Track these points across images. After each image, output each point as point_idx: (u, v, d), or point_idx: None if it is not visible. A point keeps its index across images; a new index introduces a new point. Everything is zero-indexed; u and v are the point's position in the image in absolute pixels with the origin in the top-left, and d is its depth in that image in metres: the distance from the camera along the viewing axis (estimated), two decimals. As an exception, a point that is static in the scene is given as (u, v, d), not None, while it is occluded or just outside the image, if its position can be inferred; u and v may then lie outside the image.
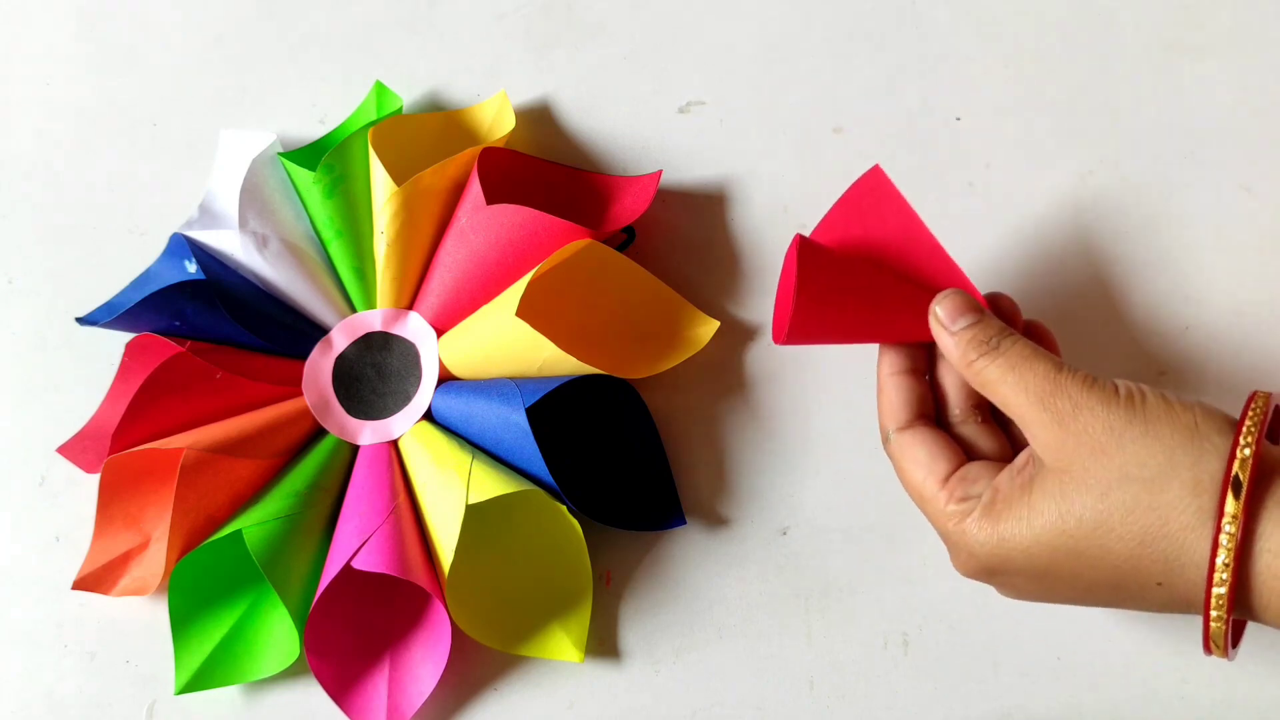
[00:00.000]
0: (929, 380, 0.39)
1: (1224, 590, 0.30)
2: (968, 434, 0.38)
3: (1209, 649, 0.32)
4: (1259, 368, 0.43)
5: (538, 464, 0.40)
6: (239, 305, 0.45)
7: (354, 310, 0.47)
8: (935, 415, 0.39)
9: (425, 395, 0.45)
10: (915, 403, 0.38)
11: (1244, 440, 0.31)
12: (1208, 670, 0.40)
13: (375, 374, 0.46)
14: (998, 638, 0.41)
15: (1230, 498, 0.30)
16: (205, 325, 0.44)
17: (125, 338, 0.45)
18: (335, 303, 0.47)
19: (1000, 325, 0.36)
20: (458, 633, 0.41)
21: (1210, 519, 0.30)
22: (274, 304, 0.46)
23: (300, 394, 0.45)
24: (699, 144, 0.49)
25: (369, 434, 0.44)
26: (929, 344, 0.39)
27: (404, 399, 0.45)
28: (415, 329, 0.46)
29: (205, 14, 0.54)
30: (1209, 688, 0.40)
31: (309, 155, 0.48)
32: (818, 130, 0.49)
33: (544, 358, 0.41)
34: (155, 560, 0.43)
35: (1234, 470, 0.30)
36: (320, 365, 0.46)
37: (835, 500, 0.44)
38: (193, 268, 0.45)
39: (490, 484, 0.40)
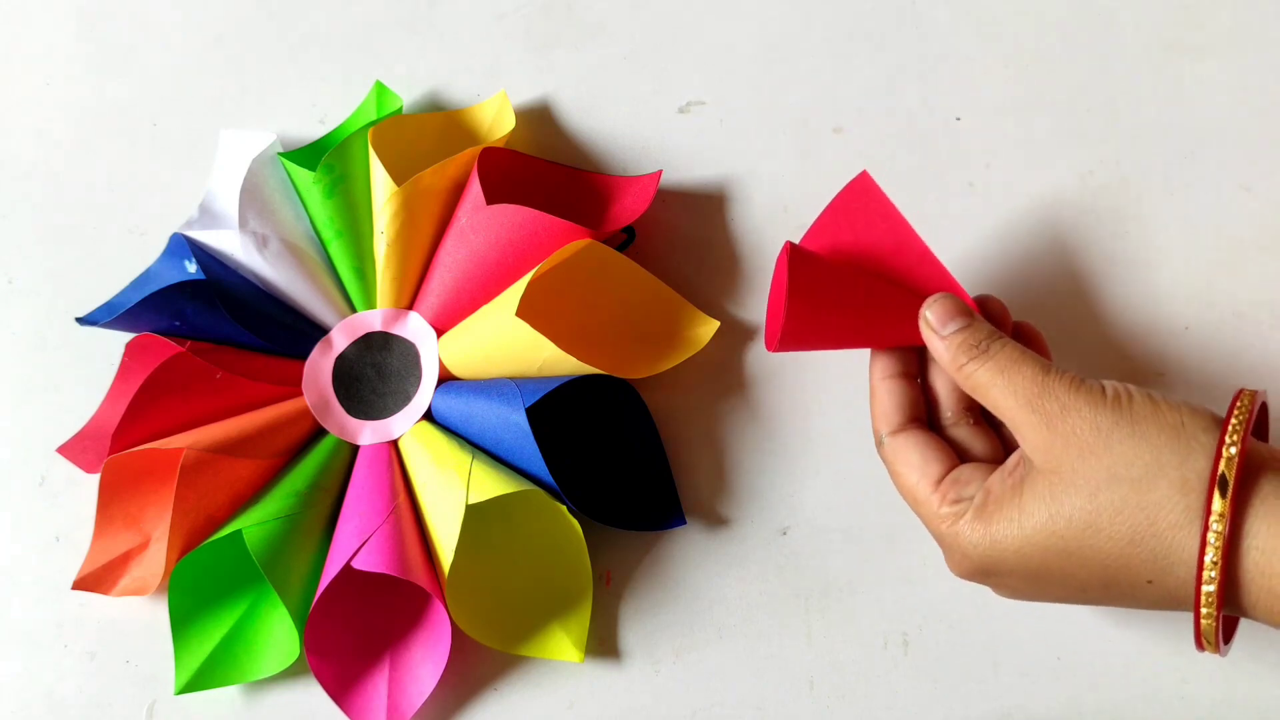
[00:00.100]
0: (921, 384, 0.39)
1: (1213, 588, 0.30)
2: (960, 436, 0.38)
3: (1201, 645, 0.32)
4: (1259, 368, 0.43)
5: (538, 464, 0.40)
6: (239, 305, 0.45)
7: (354, 310, 0.47)
8: (928, 418, 0.39)
9: (425, 395, 0.45)
10: (907, 406, 0.38)
11: (1230, 439, 0.31)
12: (1207, 670, 0.40)
13: (375, 374, 0.46)
14: (998, 638, 0.41)
15: (1217, 496, 0.30)
16: (205, 325, 0.44)
17: (125, 338, 0.45)
18: (335, 303, 0.47)
19: (989, 329, 0.36)
20: (458, 633, 0.41)
21: (1198, 517, 0.31)
22: (274, 304, 0.46)
23: (300, 394, 0.45)
24: (699, 144, 0.49)
25: (369, 434, 0.44)
26: (920, 348, 0.39)
27: (404, 399, 0.45)
28: (415, 329, 0.46)
29: (205, 14, 0.54)
30: (1209, 687, 0.40)
31: (309, 155, 0.48)
32: (818, 130, 0.49)
33: (544, 358, 0.41)
34: (155, 560, 0.43)
35: (1220, 469, 0.30)
36: (320, 365, 0.45)
37: (835, 500, 0.44)
38: (193, 268, 0.45)
39: (490, 484, 0.40)
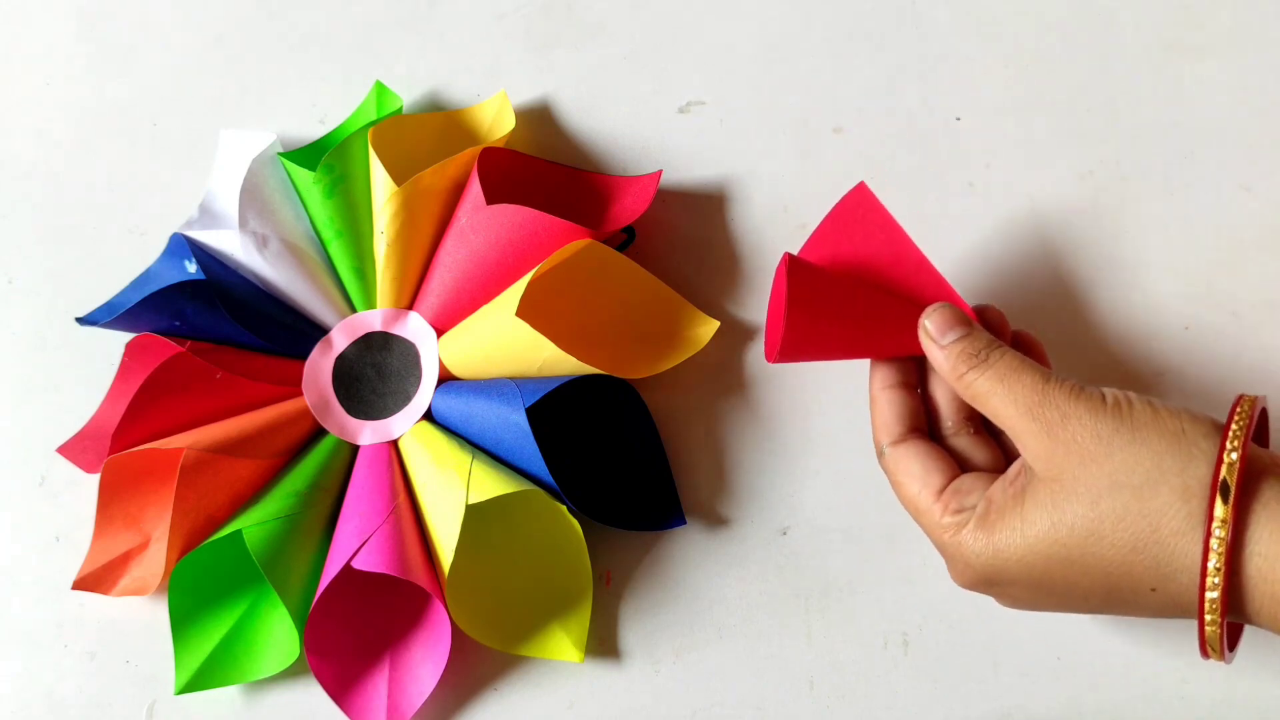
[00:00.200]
0: (921, 394, 0.39)
1: (1216, 595, 0.30)
2: (961, 446, 0.38)
3: (1205, 653, 0.32)
4: (1259, 368, 0.43)
5: (538, 464, 0.40)
6: (239, 305, 0.45)
7: (354, 310, 0.47)
8: (928, 428, 0.39)
9: (425, 395, 0.45)
10: (908, 416, 0.38)
11: (1230, 445, 0.31)
12: (1208, 670, 0.40)
13: (375, 374, 0.46)
14: (998, 638, 0.41)
15: (1219, 502, 0.30)
16: (205, 325, 0.44)
17: (125, 338, 0.45)
18: (335, 303, 0.47)
19: (989, 338, 0.36)
20: (458, 633, 0.41)
21: (1200, 524, 0.30)
22: (274, 304, 0.46)
23: (300, 394, 0.45)
24: (699, 144, 0.49)
25: (369, 434, 0.44)
26: (920, 358, 0.39)
27: (404, 399, 0.45)
28: (415, 329, 0.46)
29: (205, 14, 0.54)
30: (1209, 688, 0.40)
31: (309, 155, 0.48)
32: (818, 130, 0.49)
33: (544, 358, 0.41)
34: (155, 560, 0.43)
35: (1221, 475, 0.30)
36: (320, 365, 0.45)
37: (835, 500, 0.44)
38: (193, 268, 0.45)
39: (490, 484, 0.40)
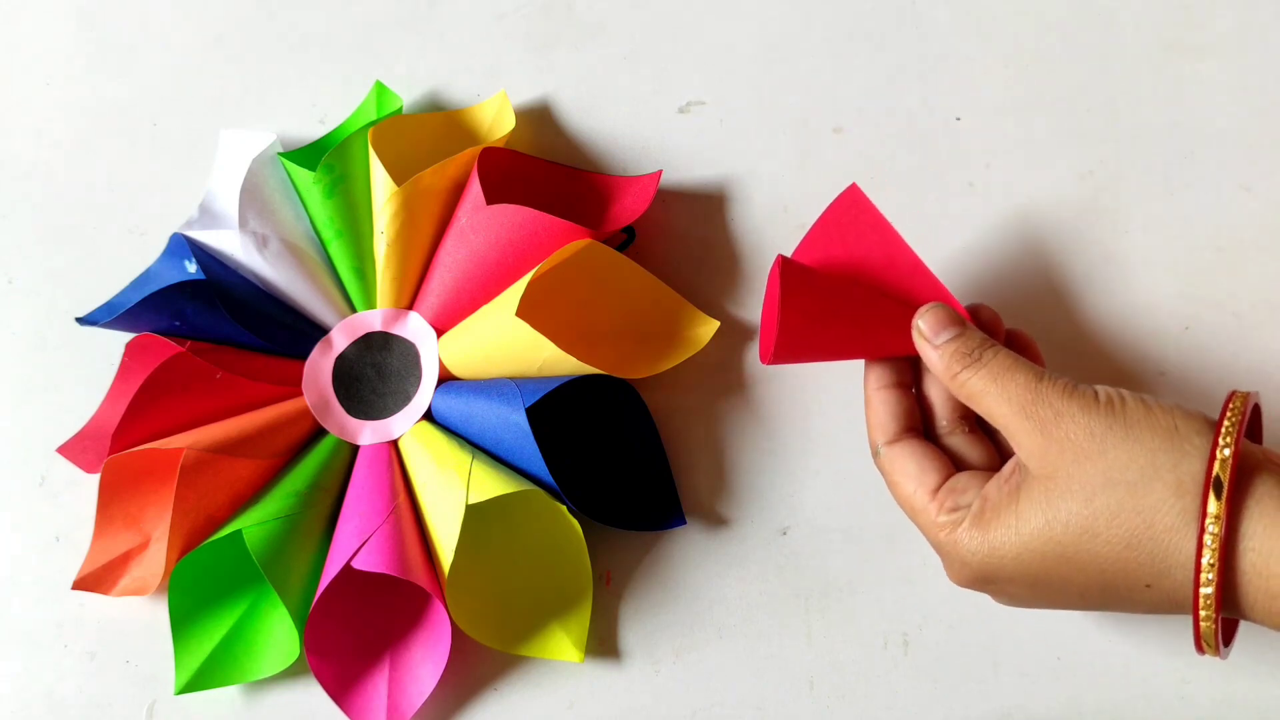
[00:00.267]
0: (916, 393, 0.40)
1: (1211, 590, 0.30)
2: (956, 445, 0.38)
3: (1201, 648, 0.32)
4: (1259, 368, 0.43)
5: (538, 464, 0.40)
6: (239, 305, 0.45)
7: (354, 310, 0.47)
8: (924, 428, 0.39)
9: (425, 395, 0.45)
10: (902, 416, 0.38)
11: (1223, 440, 0.31)
12: (1207, 670, 0.40)
13: (375, 374, 0.46)
14: (998, 638, 0.41)
15: (1212, 498, 0.30)
16: (205, 325, 0.44)
17: (125, 338, 0.45)
18: (335, 303, 0.47)
19: (982, 337, 0.36)
20: (458, 633, 0.41)
21: (1194, 520, 0.31)
22: (274, 304, 0.46)
23: (300, 394, 0.45)
24: (699, 144, 0.49)
25: (369, 434, 0.44)
26: (914, 358, 0.39)
27: (404, 399, 0.45)
28: (415, 329, 0.46)
29: (205, 14, 0.54)
30: (1209, 687, 0.40)
31: (309, 155, 0.48)
32: (818, 130, 0.49)
33: (544, 358, 0.41)
34: (155, 560, 0.43)
35: (1214, 470, 0.30)
36: (320, 365, 0.45)
37: (835, 500, 0.44)
38: (193, 268, 0.45)
39: (490, 484, 0.40)
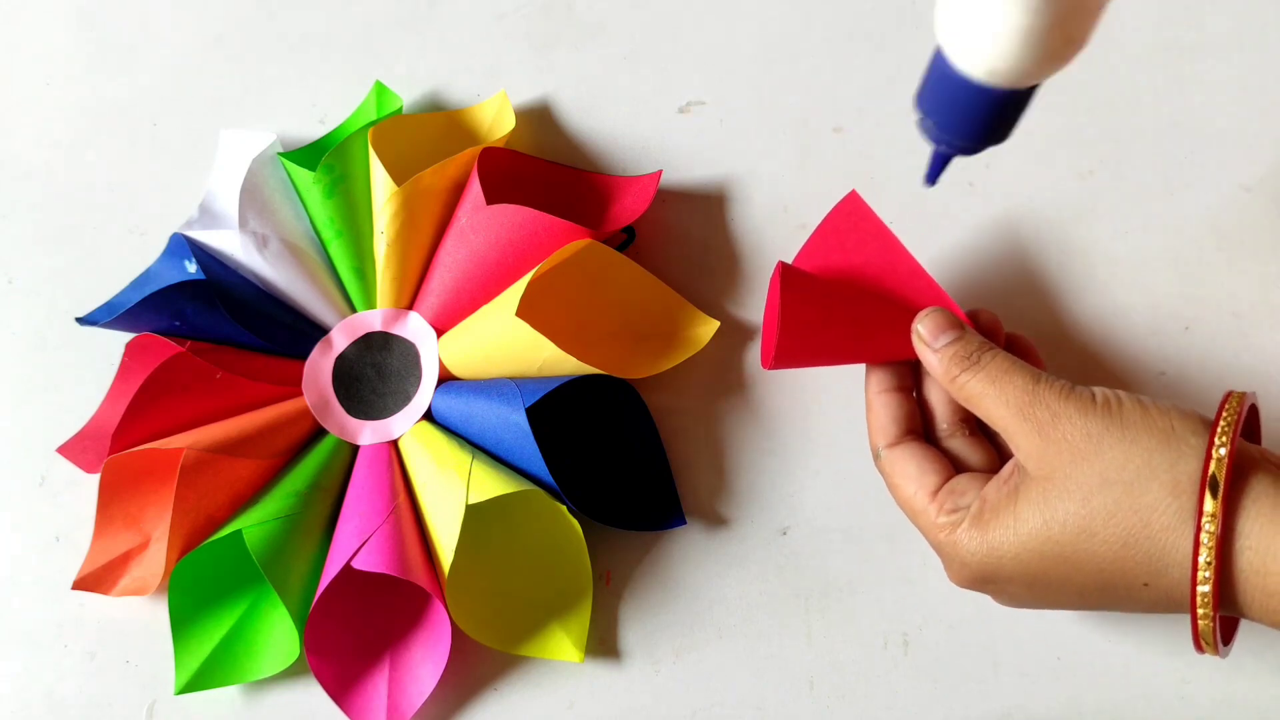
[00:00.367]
0: (916, 397, 0.40)
1: (1208, 589, 0.30)
2: (956, 448, 0.39)
3: (1200, 647, 0.32)
4: (1259, 368, 0.43)
5: (538, 464, 0.40)
6: (239, 305, 0.45)
7: (354, 310, 0.47)
8: (924, 431, 0.39)
9: (425, 395, 0.45)
10: (903, 419, 0.39)
11: (1219, 440, 0.31)
12: (1207, 670, 0.40)
13: (375, 374, 0.46)
14: (998, 638, 0.41)
15: (1208, 497, 0.30)
16: (205, 325, 0.44)
17: (125, 338, 0.45)
18: (335, 303, 0.47)
19: (980, 340, 0.37)
20: (458, 633, 0.41)
21: (1190, 519, 0.31)
22: (274, 304, 0.46)
23: (300, 394, 0.45)
24: (699, 144, 0.49)
25: (369, 434, 0.44)
26: (914, 362, 0.39)
27: (404, 399, 0.45)
28: (415, 329, 0.46)
29: (205, 14, 0.54)
30: (1209, 688, 0.40)
31: (309, 155, 0.48)
32: (818, 130, 0.49)
33: (544, 358, 0.41)
34: (155, 560, 0.43)
35: (1210, 470, 0.30)
36: (320, 365, 0.45)
37: (835, 500, 0.44)
38: (193, 268, 0.45)
39: (490, 484, 0.40)
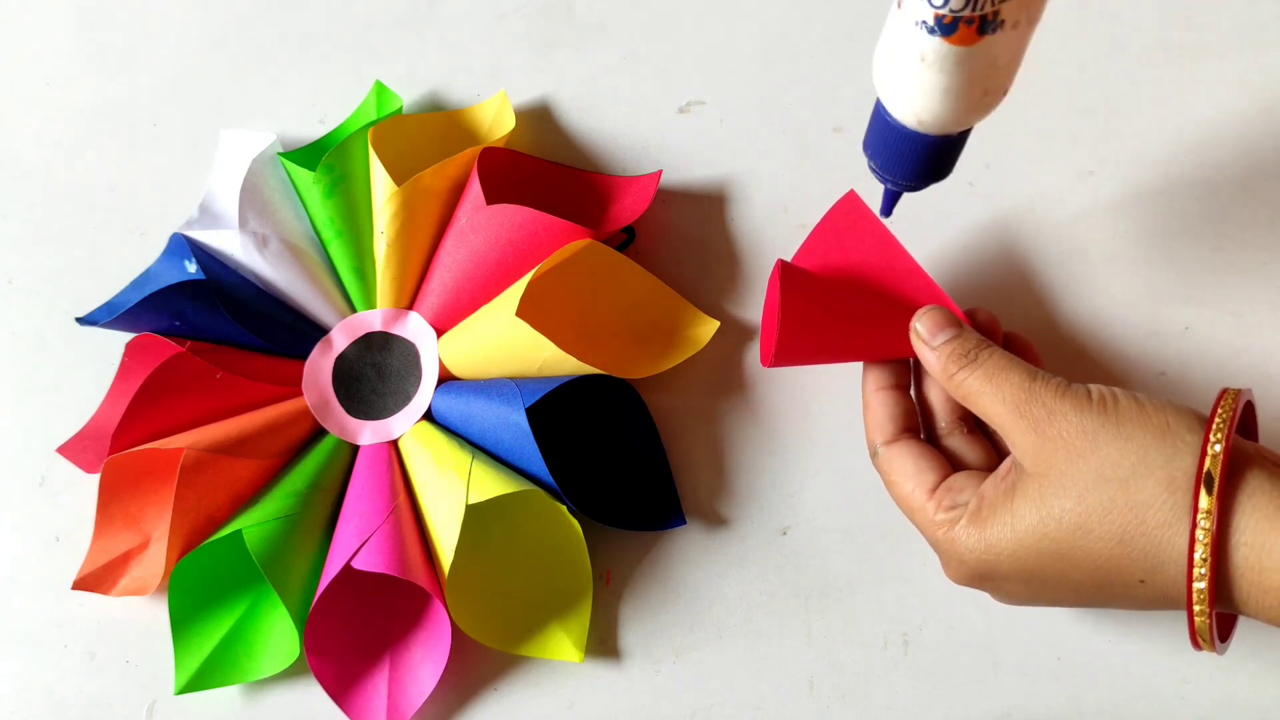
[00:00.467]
0: (916, 396, 0.40)
1: (1204, 585, 0.30)
2: (954, 446, 0.39)
3: (1197, 644, 0.32)
4: (1259, 368, 0.43)
5: (538, 464, 0.40)
6: (239, 305, 0.45)
7: (354, 310, 0.47)
8: (923, 429, 0.40)
9: (425, 395, 0.45)
10: (900, 417, 0.39)
11: (1214, 437, 0.31)
12: (1207, 670, 0.40)
13: (375, 374, 0.46)
14: (998, 638, 0.41)
15: (1203, 493, 0.30)
16: (205, 325, 0.44)
17: (125, 338, 0.45)
18: (335, 303, 0.47)
19: (978, 338, 0.37)
20: (458, 633, 0.41)
21: (1186, 515, 0.31)
22: (274, 304, 0.46)
23: (300, 394, 0.45)
24: (699, 144, 0.49)
25: (369, 434, 0.44)
26: (912, 360, 0.40)
27: (404, 399, 0.45)
28: (415, 329, 0.46)
29: (205, 14, 0.54)
30: (1209, 687, 0.40)
31: (309, 155, 0.48)
32: (818, 130, 0.49)
33: (544, 358, 0.41)
34: (155, 560, 0.43)
35: (1205, 466, 0.31)
36: (320, 365, 0.45)
37: (835, 500, 0.44)
38: (193, 268, 0.45)
39: (490, 484, 0.40)
